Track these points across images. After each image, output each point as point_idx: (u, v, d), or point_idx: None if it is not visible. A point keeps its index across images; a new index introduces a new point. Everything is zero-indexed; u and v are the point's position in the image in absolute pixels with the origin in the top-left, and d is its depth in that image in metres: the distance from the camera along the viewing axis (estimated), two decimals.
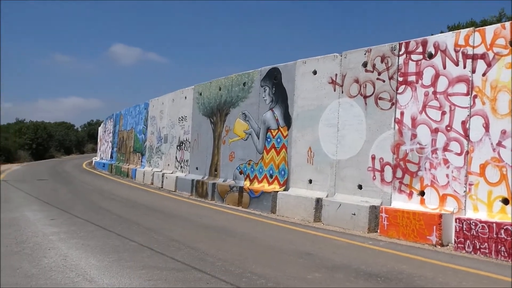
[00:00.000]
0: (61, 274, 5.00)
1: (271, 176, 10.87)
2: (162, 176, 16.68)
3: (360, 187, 8.55)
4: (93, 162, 33.59)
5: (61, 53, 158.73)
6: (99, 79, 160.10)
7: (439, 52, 7.46)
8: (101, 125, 36.81)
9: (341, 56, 9.28)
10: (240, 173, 12.07)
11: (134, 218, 9.16)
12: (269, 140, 11.11)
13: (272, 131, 11.01)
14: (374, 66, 8.53)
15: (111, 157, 28.04)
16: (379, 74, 8.42)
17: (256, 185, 11.22)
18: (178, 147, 16.36)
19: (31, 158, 42.81)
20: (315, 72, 9.85)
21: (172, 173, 16.45)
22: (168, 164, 17.25)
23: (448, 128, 7.21)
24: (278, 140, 10.77)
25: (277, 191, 10.26)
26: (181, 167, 15.95)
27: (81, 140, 65.94)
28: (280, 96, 10.82)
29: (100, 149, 35.14)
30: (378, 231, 7.76)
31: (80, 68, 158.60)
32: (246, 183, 11.63)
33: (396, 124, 8.05)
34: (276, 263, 5.62)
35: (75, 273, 5.02)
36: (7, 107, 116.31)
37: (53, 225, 8.18)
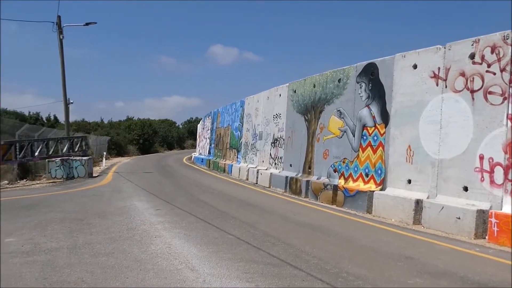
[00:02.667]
0: (166, 261, 5.39)
1: (366, 175, 10.56)
2: (257, 172, 17.09)
3: (465, 189, 7.94)
4: (192, 157, 35.55)
5: (166, 56, 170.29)
6: (199, 78, 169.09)
7: None
8: (200, 122, 38.79)
9: (444, 48, 8.68)
10: (335, 171, 11.91)
11: (231, 212, 9.53)
12: (365, 137, 10.80)
13: (368, 128, 10.68)
14: (482, 57, 7.85)
15: (209, 152, 29.39)
16: (489, 66, 7.73)
17: (351, 184, 10.98)
18: (273, 144, 16.62)
19: (138, 152, 46.65)
20: (415, 66, 9.34)
21: (266, 169, 16.77)
22: (263, 161, 17.61)
23: None
24: (375, 137, 10.42)
25: (373, 191, 9.94)
26: (275, 164, 16.19)
27: (181, 136, 70.13)
28: (377, 92, 10.45)
29: (199, 145, 37.05)
30: (487, 237, 7.15)
31: (182, 69, 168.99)
32: (341, 182, 11.44)
33: (508, 121, 7.33)
34: (373, 264, 5.47)
35: (179, 261, 5.38)
36: (119, 106, 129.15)
37: (158, 215, 8.85)
